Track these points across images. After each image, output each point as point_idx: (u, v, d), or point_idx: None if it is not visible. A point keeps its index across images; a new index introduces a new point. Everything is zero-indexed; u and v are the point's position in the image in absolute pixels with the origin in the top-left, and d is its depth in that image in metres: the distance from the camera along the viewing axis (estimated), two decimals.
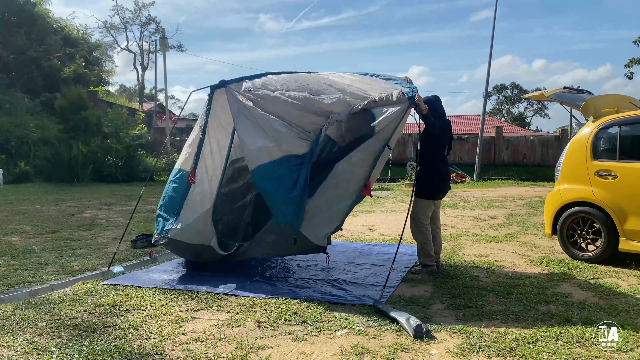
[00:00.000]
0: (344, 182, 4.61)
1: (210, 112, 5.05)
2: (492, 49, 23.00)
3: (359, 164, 4.56)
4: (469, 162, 26.39)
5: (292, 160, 4.57)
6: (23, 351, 3.24)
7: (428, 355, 3.21)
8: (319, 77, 5.15)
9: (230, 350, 3.27)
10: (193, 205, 5.02)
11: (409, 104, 4.50)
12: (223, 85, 4.96)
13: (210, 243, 5.06)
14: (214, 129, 5.12)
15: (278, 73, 5.25)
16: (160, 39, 29.86)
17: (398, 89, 4.68)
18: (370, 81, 5.18)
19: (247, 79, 5.10)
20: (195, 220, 4.97)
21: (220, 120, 5.10)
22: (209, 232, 5.04)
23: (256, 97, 4.77)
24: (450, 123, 5.43)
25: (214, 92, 5.02)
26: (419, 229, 5.24)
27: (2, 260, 5.70)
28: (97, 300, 4.28)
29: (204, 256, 5.23)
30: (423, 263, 5.27)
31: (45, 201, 11.93)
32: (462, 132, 38.64)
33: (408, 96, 4.49)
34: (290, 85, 4.89)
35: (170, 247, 5.20)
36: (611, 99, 6.29)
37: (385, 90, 4.70)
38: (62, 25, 29.94)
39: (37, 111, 22.94)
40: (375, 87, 4.88)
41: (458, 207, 11.43)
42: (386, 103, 4.51)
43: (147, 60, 47.23)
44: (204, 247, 5.06)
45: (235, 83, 4.98)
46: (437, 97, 5.33)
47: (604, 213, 5.57)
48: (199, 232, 5.00)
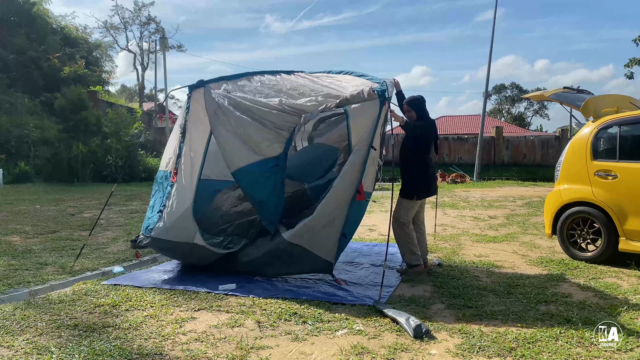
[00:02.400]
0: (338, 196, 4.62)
1: (190, 112, 5.13)
2: (492, 49, 23.04)
3: (349, 172, 4.58)
4: (469, 162, 26.41)
5: (269, 162, 4.74)
6: (23, 351, 3.24)
7: (428, 355, 3.21)
8: (296, 79, 5.24)
9: (230, 350, 3.27)
10: (175, 204, 5.04)
11: (381, 100, 4.53)
12: (202, 85, 5.03)
13: (193, 240, 4.99)
14: (194, 128, 5.15)
15: (258, 73, 5.34)
16: (160, 39, 29.88)
17: (369, 85, 4.73)
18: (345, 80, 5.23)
19: (227, 79, 5.19)
20: (177, 218, 4.99)
21: (199, 119, 5.13)
22: (191, 229, 4.99)
23: (233, 99, 4.85)
24: (435, 122, 5.44)
25: (193, 92, 5.09)
26: (401, 229, 5.17)
27: (2, 260, 5.70)
28: (97, 300, 4.28)
29: (194, 256, 5.16)
30: (409, 263, 5.19)
31: (45, 201, 11.93)
32: (462, 132, 38.66)
33: (378, 92, 4.53)
34: (267, 88, 5.01)
35: (155, 246, 5.18)
36: (611, 99, 6.29)
37: (357, 88, 4.75)
38: (62, 25, 29.96)
39: (37, 111, 22.95)
40: (347, 86, 4.94)
41: (458, 207, 11.43)
42: (358, 100, 4.58)
43: (147, 60, 47.30)
44: (189, 246, 5.00)
45: (214, 83, 5.08)
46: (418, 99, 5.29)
47: (604, 213, 5.57)
48: (181, 229, 4.98)
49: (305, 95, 4.84)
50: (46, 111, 23.35)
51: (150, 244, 5.10)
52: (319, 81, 5.17)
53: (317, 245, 4.66)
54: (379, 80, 4.84)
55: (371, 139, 4.57)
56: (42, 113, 23.03)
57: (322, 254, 4.67)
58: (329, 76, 5.37)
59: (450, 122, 46.37)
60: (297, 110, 4.73)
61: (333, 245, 4.66)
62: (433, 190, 5.35)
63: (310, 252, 4.67)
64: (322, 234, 4.64)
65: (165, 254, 5.57)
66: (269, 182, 4.78)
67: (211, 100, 4.88)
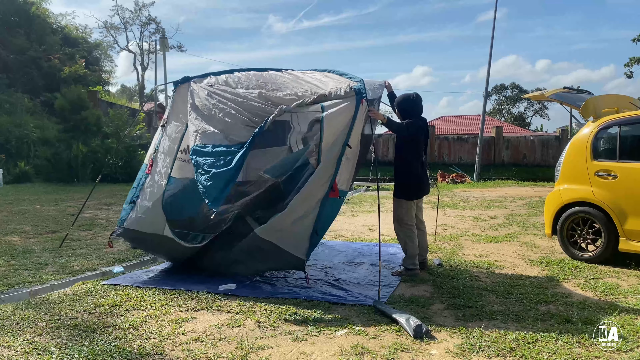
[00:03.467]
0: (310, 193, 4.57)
1: (172, 107, 5.21)
2: (492, 49, 23.03)
3: (322, 169, 4.53)
4: (469, 162, 26.39)
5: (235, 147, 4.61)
6: (23, 351, 3.24)
7: (428, 355, 3.21)
8: (282, 75, 5.25)
9: (230, 350, 3.27)
10: (146, 195, 5.07)
11: (358, 98, 4.51)
12: (187, 81, 5.08)
13: (162, 232, 4.96)
14: (174, 123, 5.19)
15: (246, 70, 5.35)
16: (160, 39, 29.87)
17: (347, 83, 4.73)
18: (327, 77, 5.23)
19: (213, 74, 5.21)
20: (147, 208, 5.01)
21: (178, 113, 5.17)
22: (161, 221, 4.97)
23: (213, 90, 4.87)
24: (427, 122, 5.43)
25: (178, 88, 5.15)
26: (402, 230, 5.17)
27: (2, 260, 5.70)
28: (97, 300, 4.28)
29: (163, 248, 5.16)
30: (405, 267, 5.16)
31: (45, 201, 11.93)
32: (462, 132, 38.66)
33: (355, 90, 4.52)
34: (250, 82, 5.02)
35: (127, 236, 5.22)
36: (611, 99, 6.29)
37: (336, 85, 4.76)
38: (62, 25, 29.96)
39: (37, 111, 22.98)
40: (327, 83, 4.94)
41: (458, 207, 11.43)
42: (335, 97, 4.57)
43: (147, 60, 47.25)
44: (158, 237, 4.99)
45: (199, 78, 5.12)
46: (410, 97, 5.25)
47: (604, 213, 5.57)
48: (151, 221, 4.99)
49: (286, 89, 4.85)
50: (46, 111, 23.37)
51: (122, 235, 5.16)
52: (303, 77, 5.19)
53: (288, 242, 4.61)
54: (359, 79, 4.86)
55: (346, 137, 4.54)
56: (42, 113, 23.06)
57: (294, 251, 4.61)
58: (313, 73, 5.40)
59: (450, 122, 46.39)
60: (274, 102, 4.71)
61: (304, 242, 4.61)
62: (424, 191, 5.32)
63: (282, 249, 4.62)
64: (293, 230, 4.60)
65: (137, 246, 5.56)
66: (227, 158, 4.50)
67: (192, 92, 4.93)
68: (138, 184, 5.22)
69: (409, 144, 5.18)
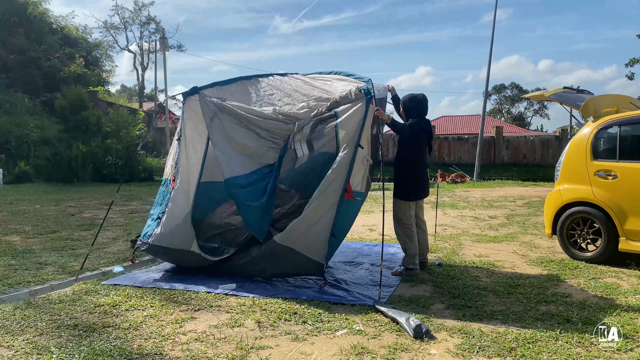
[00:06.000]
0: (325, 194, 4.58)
1: (185, 119, 5.12)
2: (492, 49, 23.04)
3: (336, 171, 4.55)
4: (469, 162, 26.40)
5: (264, 170, 4.78)
6: (23, 351, 3.24)
7: (428, 355, 3.21)
8: (289, 80, 5.29)
9: (230, 350, 3.27)
10: (173, 211, 5.04)
11: (367, 99, 4.57)
12: (196, 92, 4.99)
13: (190, 248, 5.01)
14: (190, 135, 5.14)
15: (251, 77, 5.39)
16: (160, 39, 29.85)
17: (356, 85, 4.75)
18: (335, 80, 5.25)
19: (220, 84, 5.20)
20: (176, 225, 4.98)
21: (195, 126, 5.11)
22: (189, 237, 5.00)
23: (229, 108, 4.82)
24: (430, 123, 5.43)
25: (187, 99, 5.06)
26: (402, 230, 5.17)
27: (2, 260, 5.70)
28: (97, 300, 4.28)
29: (188, 260, 5.16)
30: (406, 267, 5.17)
31: (45, 201, 11.93)
32: (462, 132, 38.65)
33: (364, 91, 4.58)
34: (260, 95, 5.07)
35: (151, 251, 5.21)
36: (611, 99, 6.28)
37: (345, 88, 4.79)
38: (62, 24, 29.95)
39: (37, 111, 22.98)
40: (337, 87, 4.97)
41: (458, 207, 11.43)
42: (347, 101, 4.62)
43: (147, 60, 47.22)
44: (184, 252, 5.04)
45: (208, 89, 5.08)
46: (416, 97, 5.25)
47: (604, 213, 5.57)
48: (179, 237, 4.99)
49: (297, 100, 4.91)
50: (46, 111, 23.37)
51: (147, 250, 5.16)
52: (311, 82, 5.20)
53: (306, 246, 4.63)
54: (366, 79, 4.90)
55: (358, 137, 4.57)
56: (42, 113, 23.06)
57: (312, 255, 4.63)
58: (320, 77, 5.42)
59: (450, 122, 46.37)
60: (290, 118, 4.78)
61: (322, 245, 4.62)
62: (424, 193, 5.32)
63: (300, 254, 4.63)
64: (310, 234, 4.61)
65: (159, 258, 5.57)
66: (259, 186, 4.73)
67: (207, 108, 4.83)
68: (163, 200, 5.18)
69: (410, 144, 5.18)
